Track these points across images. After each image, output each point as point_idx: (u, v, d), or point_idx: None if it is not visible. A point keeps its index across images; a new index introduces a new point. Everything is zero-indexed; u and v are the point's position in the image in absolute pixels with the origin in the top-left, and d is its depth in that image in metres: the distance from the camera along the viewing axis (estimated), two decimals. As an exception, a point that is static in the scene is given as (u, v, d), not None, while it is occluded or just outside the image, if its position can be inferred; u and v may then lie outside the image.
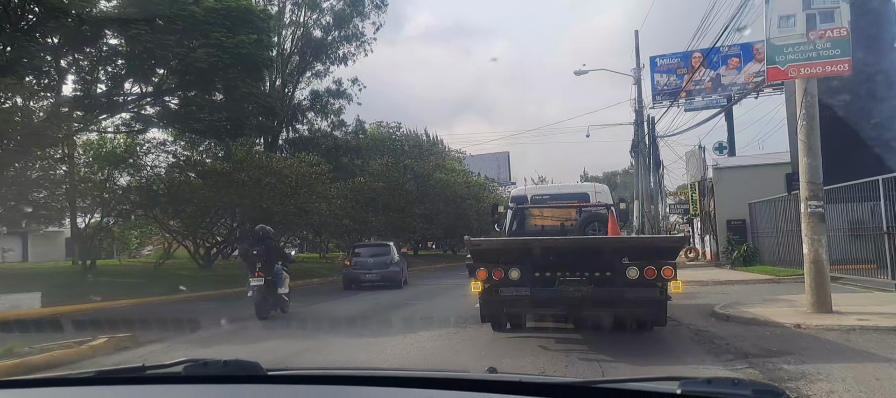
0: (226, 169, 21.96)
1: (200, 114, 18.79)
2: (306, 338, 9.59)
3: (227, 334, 10.33)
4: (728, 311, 10.18)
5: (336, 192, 24.92)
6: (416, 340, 8.44)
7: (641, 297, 7.18)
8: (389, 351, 7.73)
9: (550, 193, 13.36)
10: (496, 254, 7.66)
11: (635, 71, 28.88)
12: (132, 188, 21.25)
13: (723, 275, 17.89)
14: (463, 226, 42.13)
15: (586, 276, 7.19)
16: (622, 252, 7.50)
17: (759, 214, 21.01)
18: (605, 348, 7.23)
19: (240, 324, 10.99)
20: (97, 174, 21.25)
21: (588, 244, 7.98)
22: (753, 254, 20.16)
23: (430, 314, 11.70)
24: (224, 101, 18.42)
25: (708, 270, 21.54)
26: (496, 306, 7.66)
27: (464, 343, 8.07)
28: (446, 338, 8.50)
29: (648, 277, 7.06)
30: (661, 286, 7.15)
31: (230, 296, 15.92)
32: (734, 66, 31.44)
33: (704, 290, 14.58)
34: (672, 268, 7.11)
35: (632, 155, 29.01)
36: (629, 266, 7.15)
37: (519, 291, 7.28)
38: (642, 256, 7.36)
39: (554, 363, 6.56)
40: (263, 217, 21.76)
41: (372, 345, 8.38)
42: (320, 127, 33.45)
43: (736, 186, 25.61)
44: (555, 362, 6.60)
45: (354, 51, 32.41)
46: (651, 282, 7.10)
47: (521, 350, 7.37)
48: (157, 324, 11.02)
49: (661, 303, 7.26)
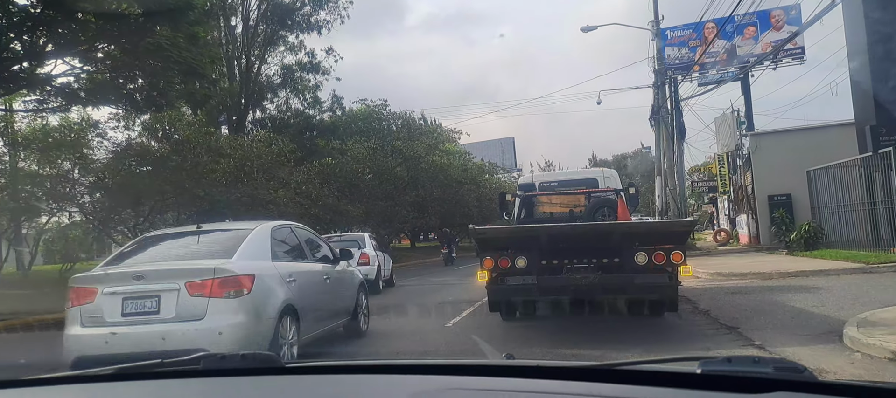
0: (163, 152, 18.08)
1: (122, 80, 14.89)
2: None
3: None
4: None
5: (302, 176, 20.90)
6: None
7: (651, 283, 6.94)
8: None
9: (559, 180, 13.00)
10: (502, 242, 7.54)
11: (653, 23, 24.63)
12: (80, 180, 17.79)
13: (783, 264, 13.73)
14: (462, 215, 38.08)
15: (594, 263, 7.09)
16: (629, 238, 7.24)
17: (820, 185, 16.79)
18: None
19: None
20: (45, 168, 17.83)
21: (594, 230, 7.85)
22: (816, 235, 15.95)
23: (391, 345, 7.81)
24: (140, 62, 14.39)
25: (753, 258, 17.35)
26: (503, 295, 7.51)
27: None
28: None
29: (657, 263, 6.87)
30: (671, 271, 6.96)
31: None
32: (751, 36, 28.81)
33: (778, 288, 10.43)
34: (681, 253, 6.90)
35: (651, 123, 24.79)
36: (637, 252, 6.91)
37: (526, 280, 7.15)
38: (650, 242, 7.14)
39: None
40: (206, 208, 17.90)
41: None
42: (294, 106, 29.43)
43: (778, 156, 21.43)
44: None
45: (329, 18, 28.35)
46: (660, 267, 6.90)
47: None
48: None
49: (672, 288, 7.07)
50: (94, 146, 18.80)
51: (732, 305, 8.92)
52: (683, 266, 6.91)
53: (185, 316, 5.43)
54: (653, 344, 6.65)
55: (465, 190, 36.81)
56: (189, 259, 6.06)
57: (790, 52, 28.70)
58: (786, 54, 28.67)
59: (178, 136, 18.79)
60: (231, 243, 6.18)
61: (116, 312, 5.52)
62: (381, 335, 8.15)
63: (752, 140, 22.73)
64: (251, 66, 27.70)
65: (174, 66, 12.76)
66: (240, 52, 27.51)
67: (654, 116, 24.52)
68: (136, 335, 5.38)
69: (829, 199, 16.37)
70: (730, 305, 8.93)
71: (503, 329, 7.85)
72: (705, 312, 8.37)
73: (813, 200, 17.24)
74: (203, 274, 5.51)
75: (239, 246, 6.05)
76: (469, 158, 41.64)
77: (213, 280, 5.47)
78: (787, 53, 28.69)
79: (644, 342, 6.71)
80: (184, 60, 12.69)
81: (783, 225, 17.49)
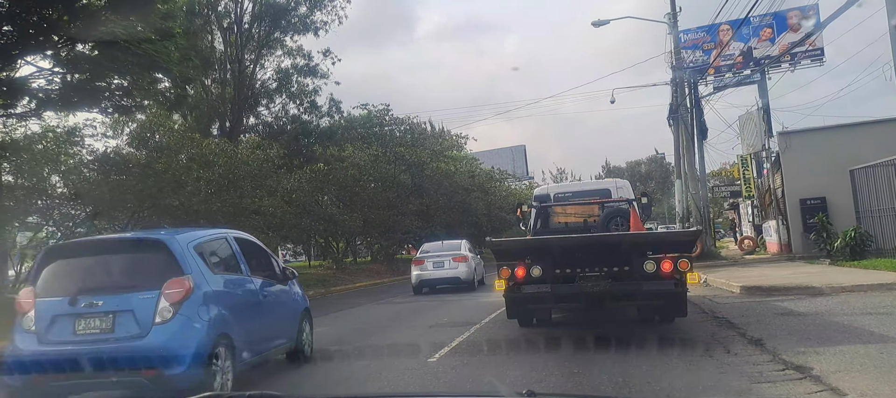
0: (138, 159, 16.68)
1: (91, 80, 13.45)
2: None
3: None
4: None
5: (293, 183, 19.36)
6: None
7: (658, 290, 7.13)
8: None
9: (573, 191, 13.42)
10: (517, 253, 7.78)
11: (669, 16, 22.91)
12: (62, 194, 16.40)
13: (831, 276, 11.89)
14: (470, 224, 36.38)
15: (605, 272, 7.21)
16: (638, 247, 7.45)
17: (868, 186, 14.94)
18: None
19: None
20: (31, 180, 16.47)
21: (604, 241, 8.16)
22: (864, 242, 14.09)
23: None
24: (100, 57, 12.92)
25: (790, 268, 15.51)
26: (520, 303, 7.70)
27: None
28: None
29: (665, 271, 7.04)
30: (679, 279, 7.06)
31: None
32: (767, 38, 27.86)
33: (839, 308, 8.62)
34: (688, 260, 7.10)
35: (669, 123, 23.01)
36: (646, 260, 7.11)
37: (540, 288, 7.33)
38: (658, 251, 7.36)
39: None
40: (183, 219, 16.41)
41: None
42: (291, 112, 27.93)
43: (811, 156, 19.69)
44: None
45: (326, 18, 26.88)
46: (668, 275, 7.05)
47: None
48: None
49: (679, 295, 7.18)
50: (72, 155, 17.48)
51: (790, 332, 7.17)
52: (690, 273, 7.08)
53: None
54: (702, 395, 4.96)
55: (472, 197, 35.10)
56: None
57: (809, 53, 27.50)
58: (804, 56, 27.52)
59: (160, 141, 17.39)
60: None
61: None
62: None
63: (781, 139, 20.92)
64: (245, 70, 26.28)
65: (132, 60, 11.21)
66: (233, 55, 26.11)
67: (672, 116, 22.74)
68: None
69: (877, 202, 14.52)
70: (786, 332, 7.18)
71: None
72: (758, 343, 6.62)
73: (857, 203, 15.37)
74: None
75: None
76: (476, 164, 39.92)
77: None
78: (805, 55, 27.51)
79: (692, 390, 5.02)
80: (144, 53, 11.13)
81: (824, 231, 15.60)
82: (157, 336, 5.03)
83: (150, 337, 5.02)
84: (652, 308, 7.67)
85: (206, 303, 5.35)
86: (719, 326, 7.98)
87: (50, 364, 4.98)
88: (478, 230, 34.85)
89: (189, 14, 21.70)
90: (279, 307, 6.71)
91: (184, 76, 14.94)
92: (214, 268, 5.74)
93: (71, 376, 5.01)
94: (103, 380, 5.03)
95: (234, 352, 5.45)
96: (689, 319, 8.05)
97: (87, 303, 5.14)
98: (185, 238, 5.63)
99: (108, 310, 5.11)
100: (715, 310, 9.44)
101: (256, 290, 6.25)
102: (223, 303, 5.57)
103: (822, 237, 15.61)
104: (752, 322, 8.05)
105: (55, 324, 5.15)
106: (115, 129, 19.31)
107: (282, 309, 6.77)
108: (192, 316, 5.19)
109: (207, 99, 25.06)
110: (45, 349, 5.07)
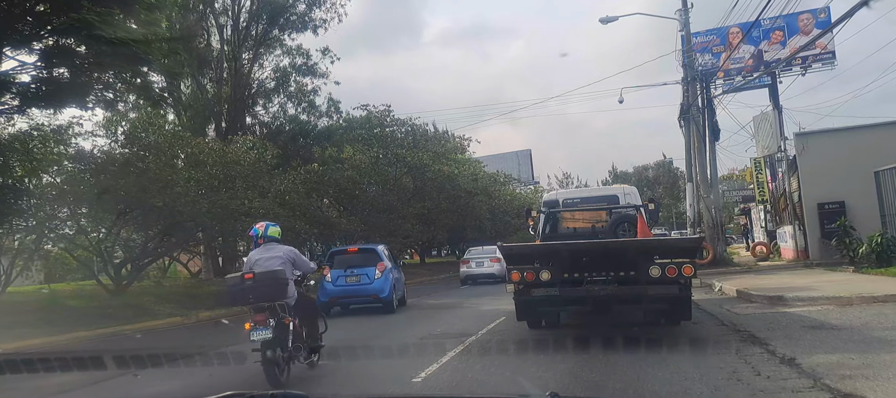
0: (122, 157, 15.95)
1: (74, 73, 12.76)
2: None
3: None
4: None
5: (286, 184, 18.59)
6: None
7: (663, 294, 7.28)
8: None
9: (581, 197, 13.77)
10: (527, 257, 7.92)
11: (680, 12, 22.08)
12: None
13: (859, 285, 10.97)
14: (473, 228, 35.52)
15: (611, 276, 7.38)
16: (643, 252, 7.58)
17: (894, 189, 14.02)
18: None
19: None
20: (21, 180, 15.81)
21: (611, 246, 8.35)
22: (891, 248, 13.16)
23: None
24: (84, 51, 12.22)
25: (810, 276, 14.56)
26: (530, 305, 7.92)
27: None
28: None
29: (669, 275, 7.16)
30: (683, 283, 7.21)
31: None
32: (777, 41, 26.92)
33: (875, 322, 7.73)
34: (692, 266, 7.20)
35: (680, 124, 22.14)
36: (651, 265, 7.24)
37: (549, 291, 7.51)
38: (663, 256, 7.47)
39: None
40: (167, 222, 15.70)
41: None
42: (289, 112, 27.24)
43: (830, 158, 18.75)
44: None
45: (326, 16, 26.20)
46: (672, 279, 7.18)
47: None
48: None
49: (684, 298, 7.37)
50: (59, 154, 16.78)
51: (826, 350, 6.30)
52: (695, 278, 7.22)
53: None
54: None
55: (476, 201, 34.19)
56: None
57: (820, 56, 26.68)
58: (815, 59, 26.71)
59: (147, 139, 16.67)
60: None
61: None
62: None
63: (798, 140, 19.96)
64: (242, 69, 25.60)
65: (106, 49, 10.48)
66: (230, 53, 25.43)
67: (683, 116, 21.87)
68: None
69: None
70: (822, 350, 6.31)
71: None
72: (792, 363, 5.76)
73: (882, 207, 14.45)
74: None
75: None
76: (480, 167, 39.03)
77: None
78: (816, 58, 26.71)
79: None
80: (120, 41, 10.39)
81: (846, 236, 14.68)
82: (376, 283, 13.10)
83: (374, 284, 13.08)
84: (657, 311, 7.79)
85: (390, 273, 13.39)
86: (743, 342, 7.11)
87: (336, 294, 13.27)
88: (482, 234, 33.97)
89: (183, 9, 21.07)
90: (400, 279, 14.48)
91: (170, 71, 14.20)
92: (390, 260, 14.03)
93: (344, 299, 13.46)
94: (355, 301, 13.48)
95: (396, 291, 13.63)
96: (708, 333, 7.25)
97: (349, 271, 13.32)
98: (381, 247, 14.48)
99: (358, 274, 13.21)
100: (735, 322, 8.58)
101: (396, 269, 14.22)
102: (394, 275, 13.69)
103: (845, 243, 14.70)
104: (780, 336, 7.19)
105: (338, 279, 13.31)
106: (107, 129, 18.66)
107: (400, 280, 14.33)
108: (387, 278, 13.20)
109: (203, 98, 24.40)
110: (334, 288, 13.26)
